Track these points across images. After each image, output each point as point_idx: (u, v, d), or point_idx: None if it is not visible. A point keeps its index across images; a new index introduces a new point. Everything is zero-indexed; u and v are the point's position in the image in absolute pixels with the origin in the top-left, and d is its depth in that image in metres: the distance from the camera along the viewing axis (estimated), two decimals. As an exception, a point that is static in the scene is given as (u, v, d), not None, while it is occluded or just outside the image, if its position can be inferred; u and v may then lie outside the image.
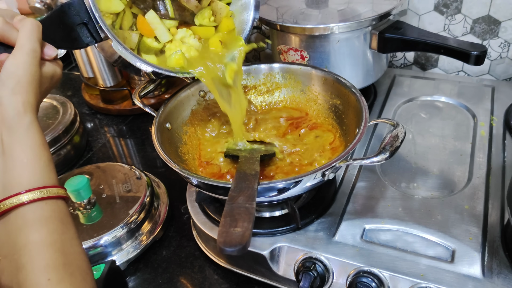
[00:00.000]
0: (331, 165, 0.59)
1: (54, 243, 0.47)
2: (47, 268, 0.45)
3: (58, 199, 0.50)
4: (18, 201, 0.46)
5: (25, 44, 0.51)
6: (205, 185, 0.62)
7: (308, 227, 0.69)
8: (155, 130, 0.70)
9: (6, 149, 0.48)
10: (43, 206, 0.48)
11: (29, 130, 0.49)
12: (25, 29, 0.53)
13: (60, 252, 0.47)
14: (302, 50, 0.92)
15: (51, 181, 0.49)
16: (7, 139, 0.48)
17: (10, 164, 0.48)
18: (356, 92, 0.73)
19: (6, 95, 0.49)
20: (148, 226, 0.80)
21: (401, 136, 0.60)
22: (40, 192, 0.48)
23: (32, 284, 0.44)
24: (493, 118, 0.90)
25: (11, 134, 0.48)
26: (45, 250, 0.46)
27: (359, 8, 0.92)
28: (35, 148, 0.49)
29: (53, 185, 0.49)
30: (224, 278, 0.72)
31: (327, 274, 0.63)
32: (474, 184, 0.74)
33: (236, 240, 0.46)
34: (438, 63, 1.13)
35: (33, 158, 0.49)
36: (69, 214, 0.51)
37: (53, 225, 0.48)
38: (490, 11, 1.00)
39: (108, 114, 1.22)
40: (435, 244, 0.64)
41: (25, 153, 0.49)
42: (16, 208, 0.47)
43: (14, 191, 0.47)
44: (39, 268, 0.45)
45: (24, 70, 0.50)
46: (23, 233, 0.46)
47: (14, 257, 0.45)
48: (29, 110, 0.50)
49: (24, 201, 0.46)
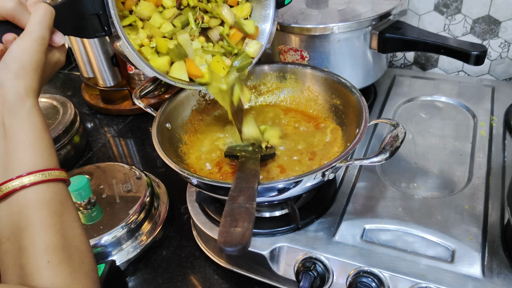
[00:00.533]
0: (331, 165, 0.59)
1: (54, 225, 0.47)
2: (47, 250, 0.46)
3: (59, 181, 0.50)
4: (20, 184, 0.47)
5: (35, 30, 0.51)
6: (205, 185, 0.62)
7: (308, 227, 0.69)
8: (155, 130, 0.70)
9: (8, 132, 0.48)
10: (44, 188, 0.48)
11: (30, 114, 0.49)
12: (38, 14, 0.52)
13: (60, 234, 0.47)
14: (302, 50, 0.92)
15: (52, 164, 0.50)
16: (8, 121, 0.48)
17: (12, 146, 0.48)
18: (356, 92, 0.73)
19: (9, 78, 0.49)
20: (148, 226, 0.80)
21: (401, 136, 0.60)
22: (42, 175, 0.48)
23: (33, 267, 0.45)
24: (493, 118, 0.90)
25: (12, 117, 0.49)
26: (45, 232, 0.46)
27: (359, 8, 0.92)
28: (36, 131, 0.50)
29: (54, 168, 0.50)
30: (224, 278, 0.72)
31: (327, 274, 0.63)
32: (474, 184, 0.74)
33: (237, 240, 0.46)
34: (438, 63, 1.13)
35: (35, 141, 0.49)
36: (70, 197, 0.51)
37: (54, 207, 0.48)
38: (490, 11, 1.00)
39: (108, 114, 1.22)
40: (435, 244, 0.64)
41: (27, 135, 0.49)
42: (18, 191, 0.47)
43: (16, 174, 0.47)
44: (39, 250, 0.46)
45: (30, 56, 0.50)
46: (25, 215, 0.47)
47: (17, 239, 0.46)
48: (31, 94, 0.50)
49: (26, 184, 0.47)
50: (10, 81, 0.49)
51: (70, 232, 0.49)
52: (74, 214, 0.51)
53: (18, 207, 0.47)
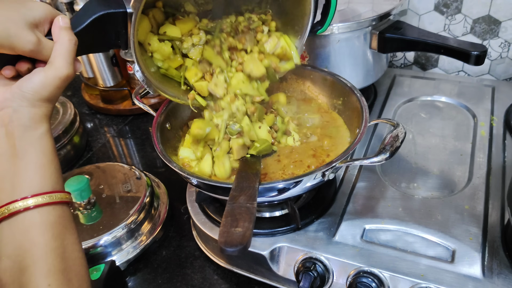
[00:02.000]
0: (331, 165, 0.59)
1: (57, 248, 0.47)
2: (48, 273, 0.46)
3: (63, 204, 0.50)
4: (24, 205, 0.47)
5: (62, 68, 0.49)
6: (205, 185, 0.62)
7: (308, 227, 0.69)
8: (155, 130, 0.70)
9: (19, 153, 0.48)
10: (50, 210, 0.48)
11: (42, 138, 0.50)
12: (63, 48, 0.50)
13: (61, 258, 0.48)
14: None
15: (58, 186, 0.50)
16: (19, 143, 0.48)
17: (22, 167, 0.48)
18: (356, 92, 0.73)
19: (25, 106, 0.49)
20: (148, 226, 0.79)
21: (401, 136, 0.60)
22: (49, 197, 0.48)
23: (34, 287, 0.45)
24: (493, 118, 0.90)
25: (24, 140, 0.49)
26: (48, 255, 0.47)
27: (359, 8, 0.92)
28: (47, 154, 0.50)
29: (60, 190, 0.50)
30: (224, 278, 0.72)
31: (327, 274, 0.63)
32: (474, 184, 0.74)
33: (237, 240, 0.46)
34: (438, 63, 1.13)
35: (46, 163, 0.49)
36: (72, 219, 0.51)
37: (57, 230, 0.48)
38: (490, 11, 1.00)
39: (108, 114, 1.22)
40: (435, 244, 0.64)
41: (38, 157, 0.49)
42: (25, 211, 0.47)
43: (23, 194, 0.47)
44: (41, 273, 0.46)
45: (50, 93, 0.49)
46: (29, 236, 0.47)
47: (18, 259, 0.46)
48: (44, 120, 0.50)
49: (30, 206, 0.47)
50: (25, 108, 0.49)
51: (71, 255, 0.49)
52: (75, 237, 0.51)
53: (23, 227, 0.47)
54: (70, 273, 0.48)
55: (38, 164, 0.49)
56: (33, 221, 0.47)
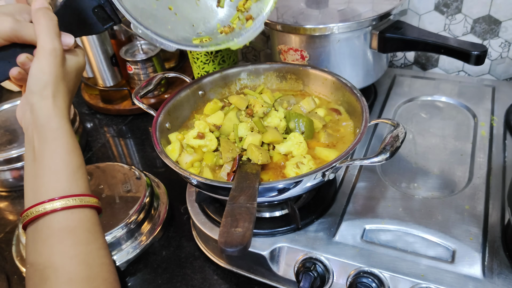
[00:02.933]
0: (331, 165, 0.59)
1: (77, 255, 0.46)
2: (69, 282, 0.44)
3: (85, 208, 0.48)
4: (43, 210, 0.46)
5: (46, 44, 0.50)
6: (205, 185, 0.61)
7: (308, 227, 0.69)
8: (155, 130, 0.70)
9: (37, 156, 0.48)
10: (68, 215, 0.47)
11: (57, 136, 0.49)
12: (42, 26, 0.50)
13: (85, 265, 0.46)
14: (302, 50, 0.92)
15: (78, 189, 0.48)
16: (38, 146, 0.48)
17: (40, 171, 0.48)
18: (357, 92, 0.73)
19: (36, 101, 0.49)
20: (148, 226, 0.79)
21: (401, 136, 0.60)
22: (70, 201, 0.47)
23: None
24: (494, 118, 0.90)
25: (41, 140, 0.48)
26: (68, 263, 0.45)
27: (359, 8, 0.92)
28: (63, 155, 0.49)
29: (80, 194, 0.48)
30: (224, 278, 0.72)
31: (327, 274, 0.63)
32: (474, 184, 0.74)
33: (237, 240, 0.46)
34: (439, 63, 1.13)
35: (61, 166, 0.48)
36: (98, 223, 0.50)
37: (78, 235, 0.47)
38: (491, 10, 1.00)
39: (107, 114, 1.22)
40: (435, 244, 0.64)
41: (52, 160, 0.48)
42: (42, 217, 0.46)
43: (41, 199, 0.46)
44: (62, 282, 0.44)
45: (49, 74, 0.49)
46: (48, 244, 0.46)
47: (39, 268, 0.45)
48: (59, 114, 0.50)
49: (47, 210, 0.46)
50: (37, 104, 0.49)
51: (96, 261, 0.47)
52: (102, 241, 0.49)
53: (43, 235, 0.46)
54: (97, 280, 0.46)
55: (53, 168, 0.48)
56: (52, 228, 0.46)
